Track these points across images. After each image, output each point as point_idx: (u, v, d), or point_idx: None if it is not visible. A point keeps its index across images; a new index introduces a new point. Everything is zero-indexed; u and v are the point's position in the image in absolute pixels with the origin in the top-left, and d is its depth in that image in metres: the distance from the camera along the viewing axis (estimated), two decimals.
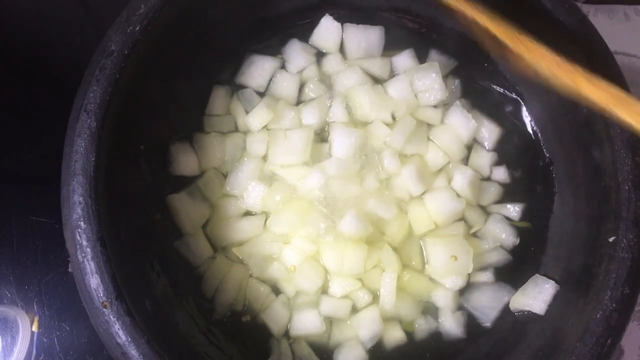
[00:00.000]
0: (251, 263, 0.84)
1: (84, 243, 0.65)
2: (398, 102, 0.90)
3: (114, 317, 0.64)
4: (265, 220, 0.85)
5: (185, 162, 0.86)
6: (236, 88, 0.92)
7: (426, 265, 0.86)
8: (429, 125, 0.91)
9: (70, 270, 0.92)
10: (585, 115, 0.79)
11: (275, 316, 0.82)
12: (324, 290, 0.84)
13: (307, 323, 0.83)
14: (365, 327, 0.83)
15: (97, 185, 0.67)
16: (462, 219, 0.88)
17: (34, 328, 0.91)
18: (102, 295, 0.64)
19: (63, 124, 0.72)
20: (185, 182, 0.86)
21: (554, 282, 0.81)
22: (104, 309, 0.64)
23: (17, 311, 0.91)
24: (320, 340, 0.84)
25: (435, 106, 0.92)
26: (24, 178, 1.00)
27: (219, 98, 0.90)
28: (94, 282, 0.64)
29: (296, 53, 0.92)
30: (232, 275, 0.84)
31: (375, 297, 0.84)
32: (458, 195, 0.88)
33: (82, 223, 0.65)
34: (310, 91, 0.91)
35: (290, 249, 0.84)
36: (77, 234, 0.65)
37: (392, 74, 0.93)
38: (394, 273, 0.83)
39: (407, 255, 0.86)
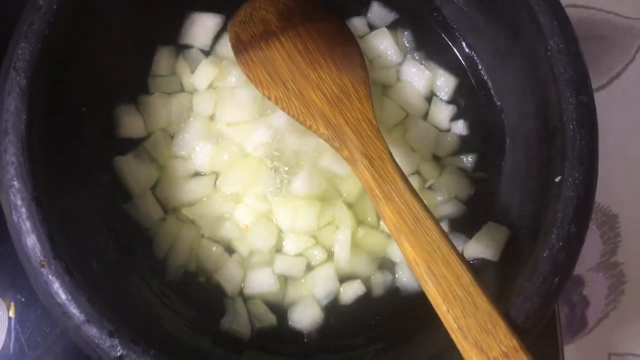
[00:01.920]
0: (203, 223, 0.83)
1: (19, 203, 0.63)
2: None
3: (52, 277, 0.62)
4: (215, 180, 0.84)
5: (131, 124, 0.84)
6: (181, 48, 0.90)
7: (381, 221, 0.86)
8: (385, 86, 0.91)
9: None
10: (532, 60, 0.78)
11: (229, 276, 0.82)
12: (277, 249, 0.84)
13: (261, 282, 0.82)
14: (320, 285, 0.82)
15: (30, 144, 0.65)
16: (417, 172, 0.87)
17: (11, 314, 0.89)
18: (39, 254, 0.62)
19: None
20: (131, 145, 0.85)
21: (506, 228, 0.81)
22: (42, 269, 0.62)
23: None
24: (275, 299, 0.83)
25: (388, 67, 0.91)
26: None
27: (163, 58, 0.88)
28: (30, 241, 0.63)
29: None
30: (184, 236, 0.82)
31: (330, 255, 0.84)
32: (412, 150, 0.88)
33: (15, 183, 0.63)
34: None
35: (242, 208, 0.83)
36: (11, 194, 0.63)
37: None
38: (348, 229, 0.82)
39: (362, 211, 0.86)
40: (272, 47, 0.82)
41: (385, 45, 0.89)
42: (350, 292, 0.83)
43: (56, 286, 0.62)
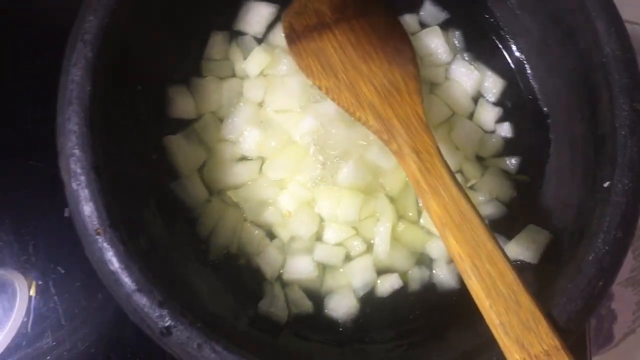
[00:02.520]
0: (246, 207, 0.84)
1: (78, 171, 0.65)
2: None
3: (107, 244, 0.63)
4: (261, 165, 0.86)
5: (183, 105, 0.86)
6: (235, 34, 0.91)
7: (421, 217, 0.86)
8: (433, 84, 0.92)
9: (66, 215, 0.92)
10: (585, 66, 0.78)
11: (269, 260, 0.83)
12: (318, 237, 0.85)
13: (300, 268, 0.83)
14: (357, 276, 0.83)
15: (92, 115, 0.67)
16: (459, 171, 0.88)
17: (32, 293, 0.90)
18: (95, 222, 0.64)
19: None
20: (182, 125, 0.86)
21: (547, 231, 0.81)
22: (97, 237, 0.64)
23: (16, 275, 0.90)
24: (312, 286, 0.84)
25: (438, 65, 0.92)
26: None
27: (217, 43, 0.90)
28: (88, 209, 0.64)
29: None
30: (228, 218, 0.84)
31: (369, 247, 0.85)
32: (457, 148, 0.88)
33: (76, 151, 0.65)
34: None
35: (286, 194, 0.84)
36: (72, 162, 0.65)
37: None
38: (389, 223, 0.83)
39: (403, 206, 0.86)
40: (324, 39, 0.83)
41: (436, 43, 0.90)
42: (387, 285, 0.84)
43: (110, 254, 0.63)
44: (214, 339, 0.63)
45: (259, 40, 0.91)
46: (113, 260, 0.63)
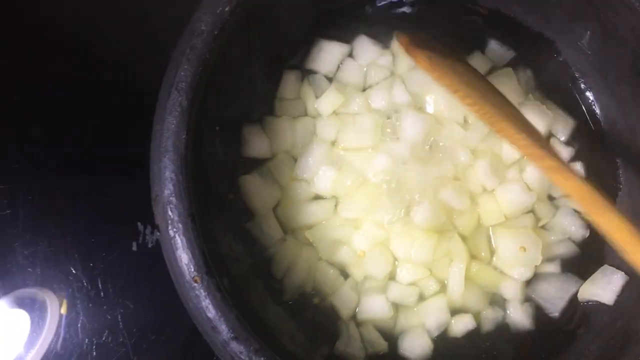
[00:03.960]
0: (321, 246, 0.85)
1: (176, 219, 0.66)
2: None
3: (204, 292, 0.64)
4: (336, 205, 0.86)
5: (257, 145, 0.87)
6: (306, 73, 0.92)
7: (494, 257, 0.86)
8: None
9: (134, 249, 0.93)
10: None
11: (344, 299, 0.83)
12: (391, 277, 0.85)
13: (374, 308, 0.83)
14: (431, 316, 0.83)
15: (186, 162, 0.68)
16: (531, 211, 0.88)
17: (63, 310, 0.91)
18: (193, 270, 0.65)
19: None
20: (256, 164, 0.87)
21: (623, 272, 0.81)
22: (195, 284, 0.65)
23: (47, 293, 0.91)
24: (386, 326, 0.84)
25: None
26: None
27: (289, 82, 0.91)
28: (185, 257, 0.65)
29: (365, 48, 0.93)
30: (302, 258, 0.84)
31: (442, 287, 0.85)
32: (529, 188, 0.88)
33: (173, 199, 0.66)
34: (376, 76, 0.91)
35: (360, 234, 0.85)
36: (169, 209, 0.66)
37: None
38: (463, 263, 0.83)
39: (475, 246, 0.86)
40: (448, 59, 0.79)
41: (508, 84, 0.90)
42: (461, 325, 0.84)
43: (207, 302, 0.64)
44: None
45: (329, 79, 0.92)
46: (210, 308, 0.64)
